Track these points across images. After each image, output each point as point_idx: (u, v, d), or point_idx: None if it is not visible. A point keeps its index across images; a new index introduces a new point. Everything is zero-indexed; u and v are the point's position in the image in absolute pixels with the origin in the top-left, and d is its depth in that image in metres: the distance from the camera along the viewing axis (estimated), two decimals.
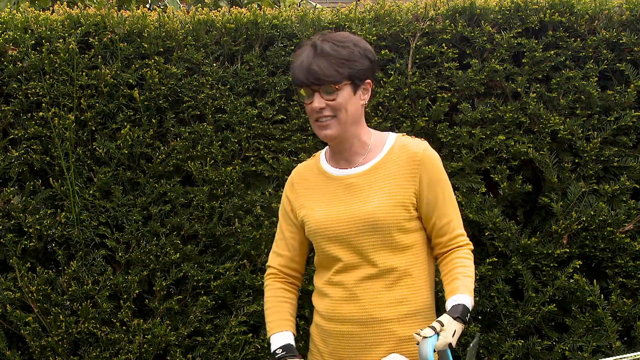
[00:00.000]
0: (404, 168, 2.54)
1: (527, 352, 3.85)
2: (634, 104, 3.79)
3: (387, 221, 2.51)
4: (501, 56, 3.77)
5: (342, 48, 2.50)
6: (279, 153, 3.84)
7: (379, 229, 2.52)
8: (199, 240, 3.88)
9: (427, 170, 2.54)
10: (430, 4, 3.87)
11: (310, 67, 2.48)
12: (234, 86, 3.83)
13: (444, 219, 2.55)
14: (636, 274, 3.81)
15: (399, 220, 2.52)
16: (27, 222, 3.84)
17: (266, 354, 3.88)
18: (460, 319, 2.40)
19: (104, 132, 3.85)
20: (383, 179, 2.55)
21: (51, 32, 3.82)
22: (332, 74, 2.47)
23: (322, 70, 2.47)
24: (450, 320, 2.39)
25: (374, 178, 2.56)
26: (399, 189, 2.53)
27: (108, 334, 3.87)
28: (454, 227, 2.57)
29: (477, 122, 3.80)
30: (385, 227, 2.51)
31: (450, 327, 2.38)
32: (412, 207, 2.53)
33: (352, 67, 2.49)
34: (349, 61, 2.49)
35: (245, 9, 3.94)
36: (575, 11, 3.79)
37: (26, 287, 3.86)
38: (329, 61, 2.47)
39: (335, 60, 2.48)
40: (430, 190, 2.53)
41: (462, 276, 2.50)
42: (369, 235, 2.53)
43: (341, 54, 2.49)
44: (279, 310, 2.68)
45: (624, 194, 3.79)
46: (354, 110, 2.54)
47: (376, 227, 2.52)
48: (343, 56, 2.49)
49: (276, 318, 2.66)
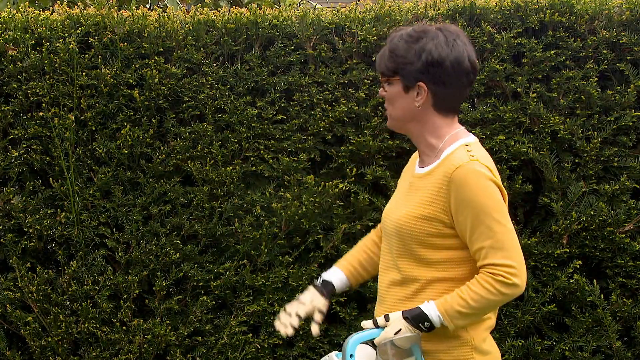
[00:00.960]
0: (438, 182, 2.39)
1: (527, 352, 3.85)
2: (634, 104, 3.79)
3: (406, 231, 2.42)
4: (501, 56, 3.77)
5: (404, 42, 2.41)
6: (279, 153, 3.84)
7: (401, 237, 2.44)
8: (199, 240, 3.88)
9: (455, 189, 2.35)
10: (430, 4, 3.87)
11: (379, 53, 2.46)
12: (234, 86, 3.83)
13: (475, 244, 2.35)
14: (636, 274, 3.81)
15: (419, 235, 2.40)
16: (27, 222, 3.84)
17: (266, 354, 3.89)
18: (409, 320, 2.33)
19: (104, 132, 3.85)
20: (424, 188, 2.44)
21: (51, 32, 3.82)
22: (383, 65, 2.43)
23: (378, 60, 2.46)
24: (399, 318, 2.35)
25: (422, 184, 2.45)
26: (429, 203, 2.40)
27: (108, 334, 3.87)
28: (486, 255, 2.33)
29: (477, 122, 3.79)
30: (405, 236, 2.43)
31: (396, 324, 2.34)
32: (440, 223, 2.38)
33: (401, 64, 2.40)
34: (399, 57, 2.40)
35: (245, 9, 3.94)
36: (575, 11, 3.79)
37: (26, 287, 3.86)
38: (386, 53, 2.43)
39: (390, 54, 2.42)
40: (459, 212, 2.35)
41: (454, 293, 2.36)
42: (397, 240, 2.46)
43: (398, 47, 2.41)
44: (353, 254, 2.70)
45: (624, 194, 3.78)
46: (405, 109, 2.43)
47: (399, 234, 2.44)
48: (397, 51, 2.41)
49: (343, 259, 2.69)
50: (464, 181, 2.33)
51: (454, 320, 2.33)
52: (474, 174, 2.33)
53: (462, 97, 2.47)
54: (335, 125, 3.82)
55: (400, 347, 2.33)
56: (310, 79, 3.82)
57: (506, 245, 2.33)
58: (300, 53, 3.80)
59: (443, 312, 2.33)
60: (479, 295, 2.32)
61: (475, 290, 2.32)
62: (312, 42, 3.82)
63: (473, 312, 2.34)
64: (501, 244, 2.32)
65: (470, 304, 2.32)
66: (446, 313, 2.33)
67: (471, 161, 2.34)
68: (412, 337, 2.34)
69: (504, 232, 2.33)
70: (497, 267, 2.31)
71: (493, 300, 2.32)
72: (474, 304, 2.32)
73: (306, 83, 3.81)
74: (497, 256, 2.32)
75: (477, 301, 2.32)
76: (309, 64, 3.83)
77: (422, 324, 2.33)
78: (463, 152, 2.38)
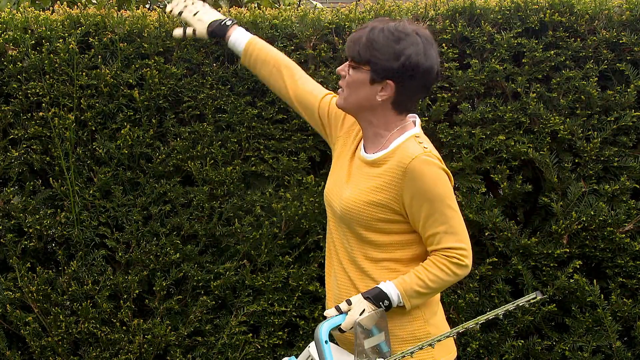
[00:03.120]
0: (392, 171, 2.52)
1: (527, 352, 3.85)
2: (634, 104, 3.79)
3: (354, 215, 2.55)
4: (501, 56, 3.77)
5: (385, 38, 2.49)
6: (279, 153, 3.84)
7: (347, 220, 2.58)
8: (199, 240, 3.88)
9: (410, 179, 2.48)
10: (430, 4, 3.87)
11: (353, 36, 2.54)
12: (234, 86, 3.83)
13: (429, 230, 2.51)
14: (636, 274, 3.81)
15: (367, 219, 2.54)
16: (27, 222, 3.84)
17: (266, 354, 3.89)
18: (370, 300, 2.46)
19: (104, 132, 3.85)
20: (376, 175, 2.55)
21: (51, 32, 3.81)
22: (355, 51, 2.52)
23: (351, 44, 2.53)
24: (360, 299, 2.46)
25: (372, 171, 2.57)
26: (380, 189, 2.53)
27: (108, 334, 3.87)
28: (440, 240, 2.51)
29: (477, 122, 3.80)
30: (352, 220, 2.56)
31: (359, 305, 2.45)
32: (389, 210, 2.52)
33: (376, 57, 2.49)
34: (375, 50, 2.49)
35: (245, 9, 3.94)
36: (575, 11, 3.79)
37: (26, 287, 3.86)
38: (362, 40, 2.51)
39: (367, 43, 2.50)
40: (414, 201, 2.50)
41: (411, 273, 2.52)
42: (342, 221, 2.60)
43: (377, 40, 2.49)
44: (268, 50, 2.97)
45: (624, 194, 3.79)
46: (364, 99, 2.54)
47: (345, 217, 2.58)
48: (376, 44, 2.49)
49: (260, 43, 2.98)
50: (420, 172, 2.47)
51: (411, 300, 2.50)
52: (429, 165, 2.48)
53: (418, 101, 2.68)
54: None
55: (367, 328, 2.43)
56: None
57: (458, 229, 2.52)
58: (300, 53, 3.80)
59: (402, 292, 2.49)
60: (436, 276, 2.50)
61: (433, 272, 2.50)
62: (312, 42, 3.82)
63: (429, 292, 2.53)
64: (454, 229, 2.51)
65: (428, 284, 2.50)
66: (405, 293, 2.49)
67: (425, 153, 2.50)
68: (377, 315, 2.45)
69: (455, 218, 2.52)
70: (451, 250, 2.51)
71: (447, 281, 2.52)
72: (431, 284, 2.50)
73: None
74: (450, 240, 2.50)
75: (434, 282, 2.50)
76: (309, 64, 3.83)
77: (382, 303, 2.47)
78: (414, 143, 2.53)
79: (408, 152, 2.50)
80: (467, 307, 3.82)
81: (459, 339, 3.84)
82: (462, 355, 3.84)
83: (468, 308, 3.82)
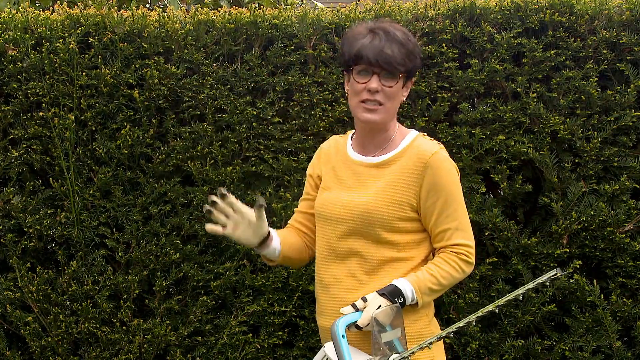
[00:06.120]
0: (410, 168, 2.52)
1: (527, 352, 3.85)
2: (634, 104, 3.79)
3: (376, 217, 2.51)
4: (501, 56, 3.77)
5: (409, 41, 2.53)
6: (279, 153, 3.84)
7: (368, 222, 2.53)
8: (199, 240, 3.88)
9: (431, 174, 2.50)
10: (430, 4, 3.87)
11: (383, 49, 2.48)
12: (234, 86, 3.83)
13: (441, 226, 2.53)
14: (636, 274, 3.81)
15: (390, 219, 2.51)
16: (27, 222, 3.85)
17: (266, 354, 3.89)
18: (385, 296, 2.44)
19: (104, 132, 3.85)
20: (390, 174, 2.54)
21: (51, 32, 3.82)
22: (402, 62, 2.49)
23: (395, 55, 2.48)
24: (375, 296, 2.44)
25: (383, 171, 2.56)
26: (400, 187, 2.52)
27: (108, 334, 3.87)
28: (451, 236, 2.53)
29: (477, 122, 3.80)
30: (374, 222, 2.52)
31: (375, 302, 2.43)
32: (409, 207, 2.52)
33: (414, 62, 2.53)
34: (412, 55, 2.52)
35: (245, 9, 3.94)
36: (575, 11, 3.79)
37: (26, 287, 3.86)
38: (400, 49, 2.50)
39: (405, 51, 2.50)
40: (430, 195, 2.51)
41: (423, 270, 2.50)
42: (357, 225, 2.54)
43: (409, 46, 2.52)
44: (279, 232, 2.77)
45: (624, 194, 3.78)
46: (397, 104, 2.56)
47: (366, 220, 2.53)
48: (410, 49, 2.52)
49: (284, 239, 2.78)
50: (439, 167, 2.50)
51: (424, 297, 2.49)
52: (447, 161, 2.53)
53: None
54: (335, 125, 3.82)
55: (383, 324, 2.42)
56: (310, 79, 3.82)
57: (467, 227, 2.56)
58: (300, 53, 3.80)
59: (416, 288, 2.47)
60: (449, 273, 2.51)
61: (445, 269, 2.51)
62: (312, 42, 3.82)
63: (440, 289, 2.53)
64: (463, 226, 2.54)
65: (440, 280, 2.50)
66: (419, 289, 2.48)
67: (441, 149, 2.54)
68: (392, 311, 2.43)
69: (465, 215, 2.56)
70: (461, 247, 2.53)
71: (457, 278, 2.54)
72: (443, 281, 2.51)
73: (306, 83, 3.81)
74: (460, 237, 2.53)
75: (446, 278, 2.51)
76: (309, 64, 3.83)
77: (397, 299, 2.45)
78: (426, 140, 2.58)
79: (426, 147, 2.53)
80: (467, 307, 3.81)
81: (458, 339, 3.85)
82: (462, 355, 3.84)
83: (468, 308, 3.81)
